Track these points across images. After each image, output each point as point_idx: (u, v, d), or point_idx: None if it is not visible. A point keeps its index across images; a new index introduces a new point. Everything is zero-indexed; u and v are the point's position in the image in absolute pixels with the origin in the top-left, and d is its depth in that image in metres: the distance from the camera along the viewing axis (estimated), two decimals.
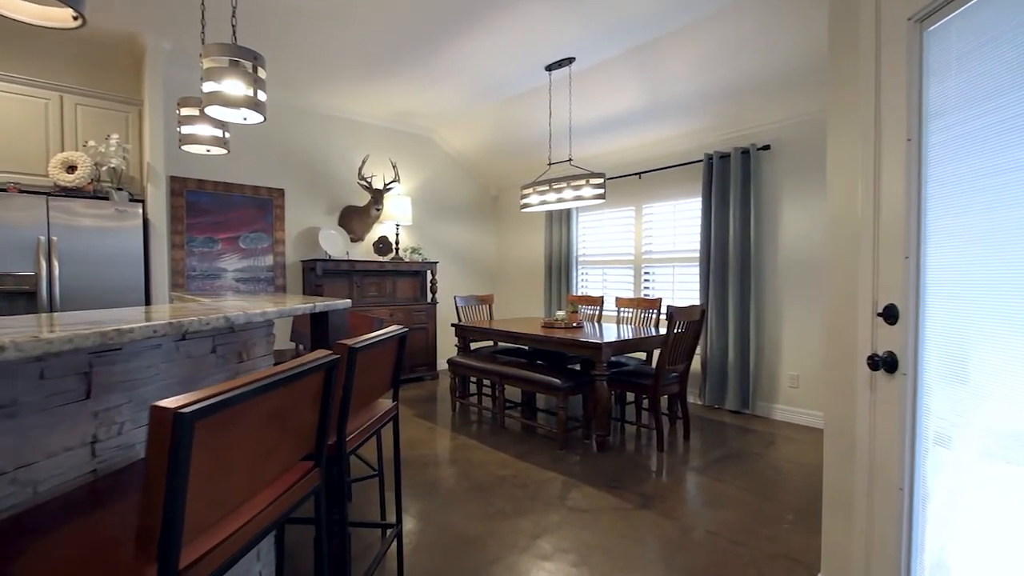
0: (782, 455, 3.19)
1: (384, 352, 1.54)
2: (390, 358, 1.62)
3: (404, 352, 1.69)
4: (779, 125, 3.90)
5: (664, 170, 4.66)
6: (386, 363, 1.59)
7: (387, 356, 1.58)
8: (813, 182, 3.75)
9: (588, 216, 5.42)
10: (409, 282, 5.50)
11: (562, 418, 3.25)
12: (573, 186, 3.71)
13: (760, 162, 4.03)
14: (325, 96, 4.84)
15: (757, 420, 3.95)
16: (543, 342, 3.52)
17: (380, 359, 1.52)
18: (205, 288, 4.46)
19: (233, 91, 1.67)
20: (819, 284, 3.74)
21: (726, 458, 3.13)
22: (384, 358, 1.55)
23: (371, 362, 1.44)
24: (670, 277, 4.68)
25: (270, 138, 4.77)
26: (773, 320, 3.99)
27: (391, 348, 1.61)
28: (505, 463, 3.06)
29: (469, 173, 6.32)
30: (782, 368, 3.96)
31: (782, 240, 3.93)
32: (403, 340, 1.69)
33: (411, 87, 4.58)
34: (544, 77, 4.23)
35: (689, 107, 4.11)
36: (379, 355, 1.49)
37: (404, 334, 1.68)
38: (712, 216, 4.20)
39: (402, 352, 1.69)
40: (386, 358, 1.58)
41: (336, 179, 5.20)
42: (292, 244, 4.93)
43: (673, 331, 3.14)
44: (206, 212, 4.46)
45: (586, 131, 4.87)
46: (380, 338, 1.45)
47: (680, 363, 3.36)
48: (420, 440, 3.48)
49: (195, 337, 1.37)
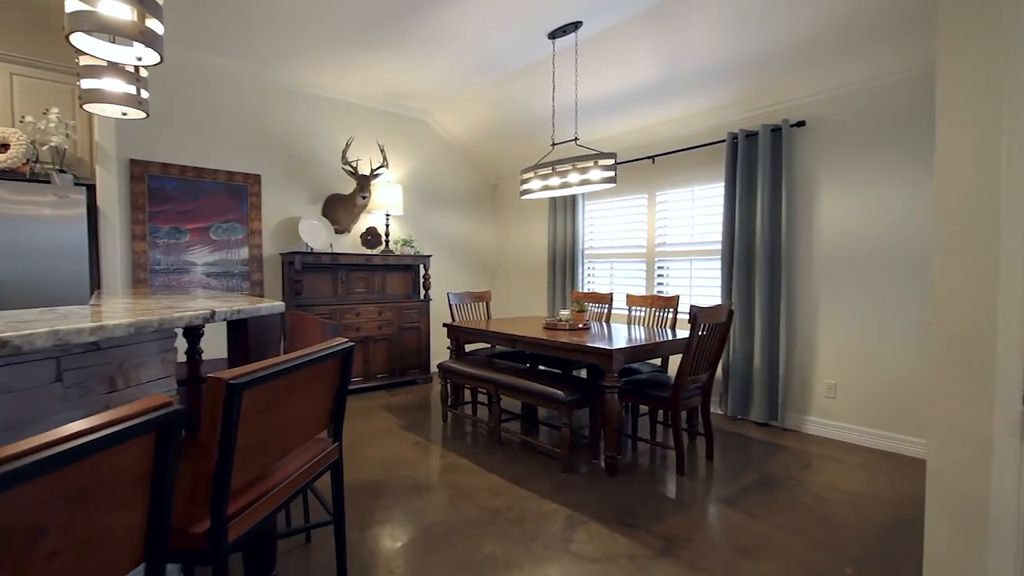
0: (825, 481, 2.72)
1: (314, 378, 1.09)
2: (326, 384, 1.17)
3: (348, 374, 1.24)
4: (817, 98, 3.40)
5: (681, 152, 4.17)
6: (318, 393, 1.13)
7: (320, 383, 1.13)
8: (859, 163, 3.25)
9: (595, 205, 4.94)
10: (400, 277, 5.05)
11: (566, 436, 2.80)
12: (579, 169, 3.23)
13: (793, 141, 3.53)
14: (307, 72, 4.37)
15: (787, 435, 3.48)
16: (545, 347, 3.06)
17: (304, 390, 1.06)
18: (171, 284, 4.03)
19: (112, 11, 1.19)
20: (866, 280, 3.25)
21: (758, 485, 2.66)
22: (313, 387, 1.10)
23: (285, 396, 0.99)
24: (687, 272, 4.20)
25: (245, 118, 4.32)
26: (807, 321, 3.51)
27: (327, 373, 1.16)
28: (499, 490, 2.61)
29: (465, 159, 5.85)
30: (817, 375, 3.48)
31: (819, 230, 3.44)
32: (347, 359, 1.24)
33: (401, 62, 4.11)
34: (547, 47, 3.74)
35: (710, 78, 3.62)
36: (300, 385, 1.04)
37: (347, 350, 1.23)
38: (737, 203, 3.72)
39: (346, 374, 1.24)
40: (317, 386, 1.12)
41: (319, 165, 4.74)
42: (270, 235, 4.49)
43: (696, 335, 2.67)
44: (172, 199, 4.02)
45: (593, 110, 4.38)
46: (298, 362, 0.99)
47: (703, 372, 2.89)
48: (403, 458, 3.03)
49: (21, 361, 0.93)
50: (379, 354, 4.69)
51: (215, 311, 1.11)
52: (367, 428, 3.60)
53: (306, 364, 1.03)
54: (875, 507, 2.43)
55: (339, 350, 1.18)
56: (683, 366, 2.70)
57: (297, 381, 1.03)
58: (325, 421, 1.21)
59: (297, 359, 0.99)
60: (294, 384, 1.01)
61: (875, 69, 3.09)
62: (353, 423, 3.71)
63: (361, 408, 4.10)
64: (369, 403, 4.26)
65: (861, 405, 3.29)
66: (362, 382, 4.58)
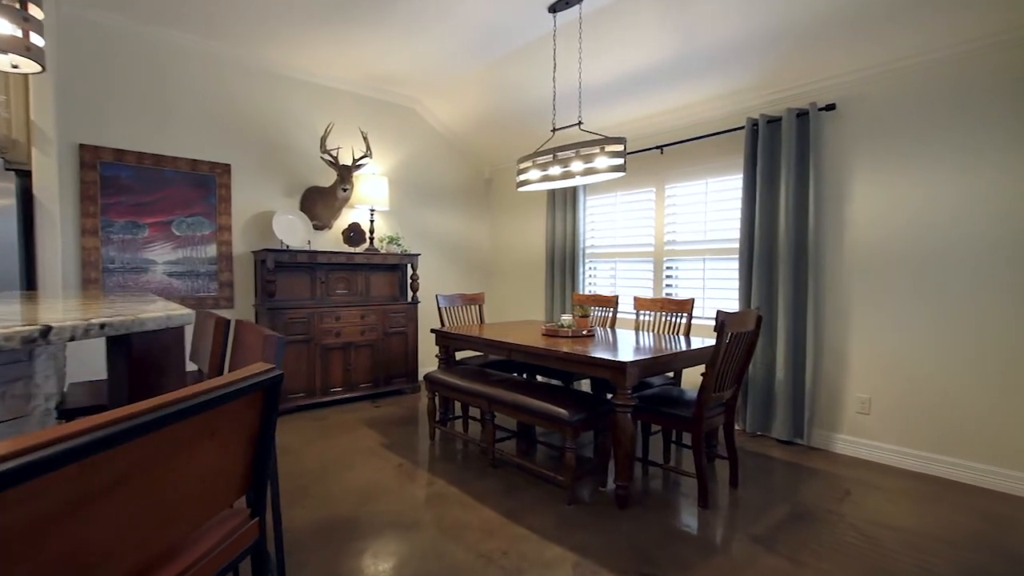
0: (869, 514, 2.35)
1: (204, 434, 0.69)
2: (233, 436, 0.77)
3: (272, 414, 0.85)
4: (850, 78, 3.04)
5: (694, 141, 3.80)
6: (214, 452, 0.74)
7: (219, 438, 0.74)
8: (899, 150, 2.89)
9: (598, 199, 4.57)
10: (385, 277, 4.64)
11: (571, 463, 2.41)
12: (583, 156, 2.85)
13: (822, 126, 3.17)
14: (281, 51, 3.97)
15: (815, 455, 3.11)
16: (545, 358, 2.67)
17: (184, 453, 0.67)
18: (127, 284, 3.61)
19: None
20: (906, 283, 2.88)
21: (795, 520, 2.29)
22: (201, 447, 0.70)
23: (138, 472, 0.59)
24: (699, 273, 3.83)
25: (212, 101, 3.90)
26: (837, 328, 3.15)
27: (232, 420, 0.76)
28: (493, 528, 2.22)
29: (458, 151, 5.45)
30: (848, 389, 3.12)
31: (851, 226, 3.08)
32: (270, 392, 0.85)
33: (386, 42, 3.71)
34: (547, 22, 3.36)
35: (728, 57, 3.25)
36: (175, 447, 0.65)
37: (270, 382, 0.84)
38: (757, 196, 3.35)
39: (269, 414, 0.85)
40: (213, 444, 0.73)
41: (296, 154, 4.33)
42: (241, 231, 4.07)
43: (723, 345, 2.29)
44: (128, 190, 3.60)
45: (595, 96, 4.01)
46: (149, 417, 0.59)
47: (728, 388, 2.52)
48: (383, 487, 2.63)
49: None
50: (362, 361, 4.28)
51: (51, 327, 0.72)
52: (345, 447, 3.19)
53: (180, 414, 0.63)
54: (933, 549, 2.06)
55: (254, 384, 0.79)
56: (707, 381, 2.32)
57: (163, 443, 0.63)
58: (232, 489, 0.81)
59: (151, 411, 0.60)
60: (156, 450, 0.62)
61: (919, 44, 2.73)
62: (330, 441, 3.30)
63: (340, 423, 3.70)
64: (349, 416, 3.85)
65: (900, 423, 2.93)
66: (343, 392, 4.17)
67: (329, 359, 4.10)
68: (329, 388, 4.10)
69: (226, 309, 4.00)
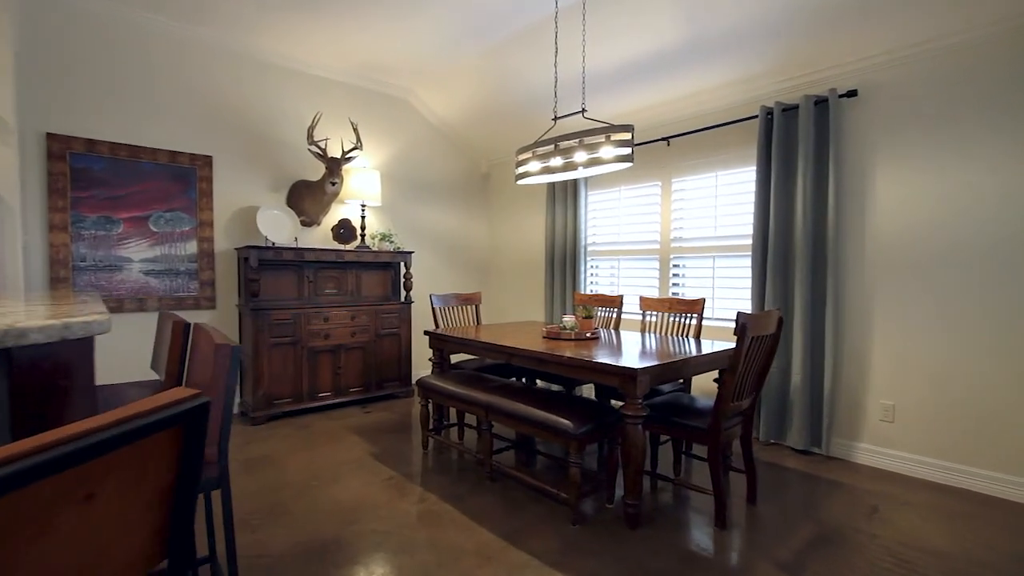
0: (901, 535, 2.15)
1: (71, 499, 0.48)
2: (132, 494, 0.56)
3: (194, 458, 0.63)
4: (874, 62, 2.83)
5: (703, 132, 3.59)
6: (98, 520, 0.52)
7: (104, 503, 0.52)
8: (928, 140, 2.69)
9: (600, 194, 4.36)
10: (377, 276, 4.42)
11: (576, 479, 2.20)
12: (587, 146, 2.63)
13: (842, 114, 2.97)
14: (269, 39, 3.74)
15: (834, 465, 2.91)
16: (547, 363, 2.46)
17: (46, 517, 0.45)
18: (100, 283, 3.38)
19: None
20: (935, 282, 2.68)
21: (822, 543, 2.08)
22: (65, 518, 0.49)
23: None
24: (709, 271, 3.63)
25: (192, 90, 3.68)
26: (858, 330, 2.95)
27: (128, 472, 0.54)
28: (491, 552, 2.01)
29: (454, 144, 5.23)
30: (870, 395, 2.92)
31: (875, 220, 2.88)
32: (194, 422, 0.63)
33: (380, 30, 3.49)
34: (548, 5, 3.15)
35: (740, 41, 3.04)
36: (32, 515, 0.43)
37: (194, 412, 0.62)
38: (772, 190, 3.15)
39: (190, 459, 0.63)
40: (95, 510, 0.51)
41: (283, 147, 4.11)
42: (223, 227, 3.85)
43: (744, 349, 2.09)
44: (101, 183, 3.37)
45: (597, 85, 3.79)
46: None
47: (747, 396, 2.31)
48: (370, 503, 2.42)
49: None
50: (352, 365, 4.06)
51: None
52: (332, 458, 2.98)
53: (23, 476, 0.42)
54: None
55: (161, 420, 0.57)
56: (726, 389, 2.12)
57: None
58: (134, 569, 0.60)
59: None
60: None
61: (952, 24, 2.53)
62: (315, 451, 3.09)
63: (327, 430, 3.48)
64: (337, 424, 3.64)
65: (927, 431, 2.73)
66: (331, 397, 3.95)
67: (317, 362, 3.88)
68: (317, 393, 3.88)
69: (208, 310, 3.77)
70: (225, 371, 1.04)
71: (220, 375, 1.03)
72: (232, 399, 1.05)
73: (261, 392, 3.60)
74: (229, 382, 1.02)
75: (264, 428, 3.52)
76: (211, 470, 1.11)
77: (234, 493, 2.51)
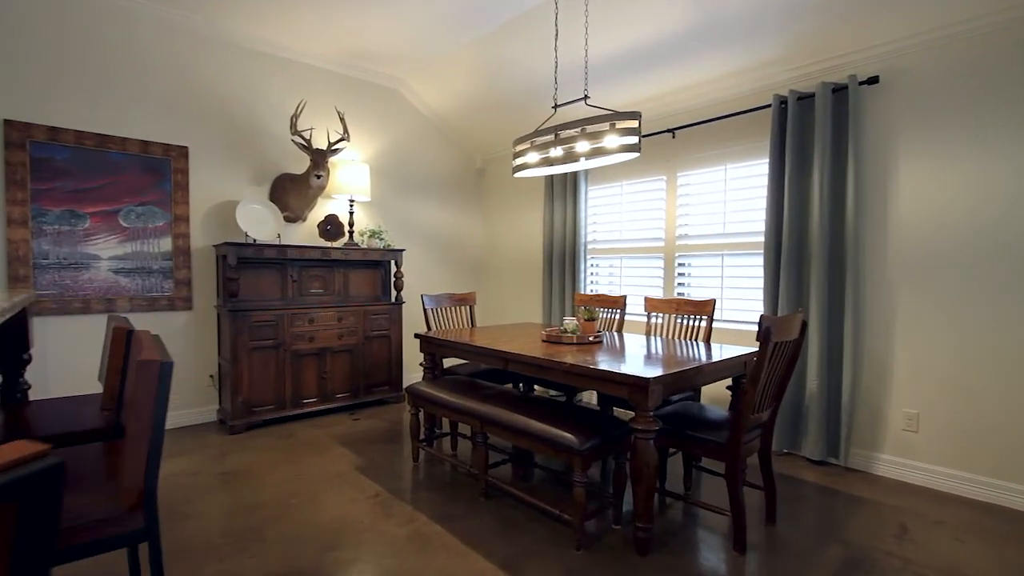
0: (934, 558, 1.96)
1: None
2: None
3: (48, 530, 0.41)
4: (898, 46, 2.64)
5: (711, 123, 3.39)
6: None
7: None
8: (957, 130, 2.50)
9: (601, 189, 4.15)
10: (366, 275, 4.19)
11: (581, 499, 1.99)
12: (590, 135, 2.42)
13: (863, 103, 2.78)
14: (251, 24, 3.50)
15: (854, 477, 2.72)
16: (548, 370, 2.25)
17: None
18: (64, 283, 3.14)
19: None
20: (964, 283, 2.49)
21: (850, 569, 1.89)
22: None
23: None
24: (717, 271, 3.43)
25: (167, 75, 3.43)
26: (879, 334, 2.76)
27: None
28: None
29: (447, 137, 5.01)
30: (892, 403, 2.73)
31: (897, 217, 2.69)
32: (40, 496, 0.40)
33: (369, 14, 3.26)
34: None
35: (751, 27, 2.84)
36: None
37: (37, 479, 0.39)
38: (786, 184, 2.95)
39: (38, 531, 0.41)
40: None
41: (266, 137, 3.87)
42: (200, 223, 3.61)
43: (767, 356, 1.89)
44: (65, 174, 3.13)
45: (597, 74, 3.58)
46: None
47: (767, 407, 2.11)
48: (353, 524, 2.20)
49: None
50: (339, 369, 3.83)
51: None
52: (314, 471, 2.75)
53: None
54: None
55: None
56: (747, 399, 1.91)
57: None
58: None
59: None
60: None
61: (984, 3, 2.34)
62: (296, 465, 2.86)
63: (311, 440, 3.25)
64: (323, 432, 3.41)
65: (954, 442, 2.54)
66: (317, 404, 3.72)
67: (301, 367, 3.65)
68: (301, 399, 3.65)
69: (184, 311, 3.53)
70: (152, 393, 0.82)
71: (146, 398, 0.81)
72: (162, 425, 0.84)
73: (240, 399, 3.36)
74: (157, 407, 0.80)
75: (243, 438, 3.29)
76: (135, 520, 0.89)
77: (204, 512, 2.28)
